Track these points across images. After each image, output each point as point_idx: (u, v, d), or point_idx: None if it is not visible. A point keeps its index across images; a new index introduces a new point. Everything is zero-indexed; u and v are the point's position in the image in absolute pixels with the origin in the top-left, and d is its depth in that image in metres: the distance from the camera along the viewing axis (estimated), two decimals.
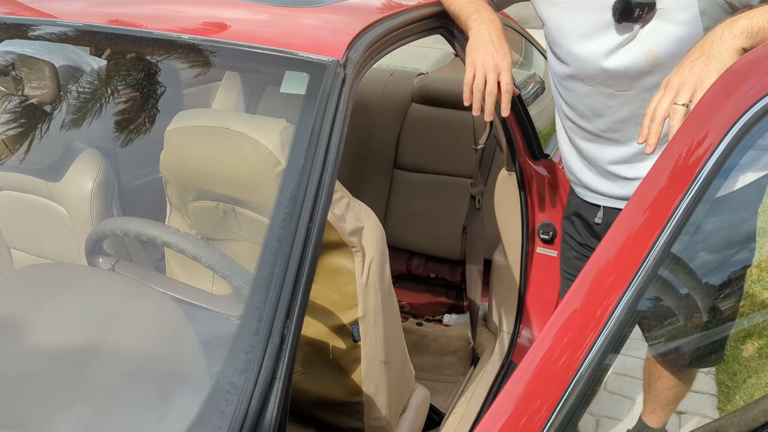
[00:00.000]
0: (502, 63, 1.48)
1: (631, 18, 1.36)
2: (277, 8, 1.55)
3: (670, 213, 0.90)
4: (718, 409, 2.45)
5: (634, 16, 1.36)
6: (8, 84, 1.73)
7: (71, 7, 1.59)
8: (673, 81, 1.15)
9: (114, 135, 1.89)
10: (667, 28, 1.36)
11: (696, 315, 1.25)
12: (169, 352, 1.19)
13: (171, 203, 1.54)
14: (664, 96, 1.15)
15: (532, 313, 2.20)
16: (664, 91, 1.16)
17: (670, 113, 1.13)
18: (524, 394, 0.86)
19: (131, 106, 1.82)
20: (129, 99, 1.80)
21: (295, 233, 1.08)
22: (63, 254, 1.74)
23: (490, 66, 1.48)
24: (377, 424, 1.55)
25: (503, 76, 1.48)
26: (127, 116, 1.86)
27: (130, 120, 1.83)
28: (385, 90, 2.83)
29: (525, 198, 2.07)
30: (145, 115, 1.76)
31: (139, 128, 1.77)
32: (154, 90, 1.69)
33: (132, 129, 1.81)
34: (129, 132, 1.87)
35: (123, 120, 1.88)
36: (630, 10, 1.35)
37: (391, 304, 1.49)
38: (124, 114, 1.87)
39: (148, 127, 1.74)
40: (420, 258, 2.84)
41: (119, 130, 1.89)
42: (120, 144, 1.92)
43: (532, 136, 2.05)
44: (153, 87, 1.68)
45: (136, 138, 1.82)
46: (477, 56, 1.50)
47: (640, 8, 1.34)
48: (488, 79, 1.48)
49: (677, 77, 1.14)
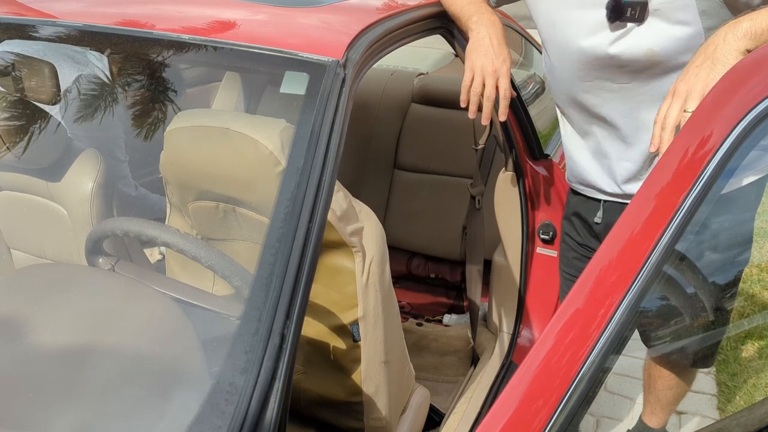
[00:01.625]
0: (502, 68, 1.48)
1: (624, 17, 1.36)
2: (277, 8, 1.55)
3: (673, 212, 0.90)
4: (718, 409, 2.45)
5: (626, 15, 1.36)
6: (8, 84, 1.73)
7: (71, 7, 1.59)
8: (680, 88, 1.14)
9: (117, 127, 1.89)
10: (665, 28, 1.36)
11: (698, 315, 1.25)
12: (169, 352, 1.19)
13: (171, 203, 1.54)
14: (673, 104, 1.14)
15: (532, 313, 2.20)
16: (671, 98, 1.14)
17: (681, 122, 1.13)
18: (526, 394, 0.86)
19: (131, 106, 1.82)
20: (129, 99, 1.80)
21: (295, 233, 1.08)
22: (63, 254, 1.74)
23: (489, 71, 1.48)
24: (377, 424, 1.54)
25: (502, 81, 1.49)
26: (126, 116, 1.86)
27: (129, 120, 1.83)
28: (385, 90, 2.82)
29: (525, 198, 2.07)
30: (145, 115, 1.76)
31: (138, 128, 1.77)
32: (154, 90, 1.69)
33: (132, 129, 1.82)
34: (129, 132, 1.87)
35: (123, 120, 1.88)
36: (620, 9, 1.35)
37: (391, 304, 1.49)
38: (124, 114, 1.87)
39: (148, 127, 1.74)
40: (420, 258, 2.84)
41: (122, 123, 1.89)
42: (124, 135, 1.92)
43: (532, 136, 2.05)
44: (153, 87, 1.68)
45: (136, 138, 1.82)
46: (476, 60, 1.50)
47: (632, 8, 1.34)
48: (486, 84, 1.49)
49: (684, 84, 1.13)
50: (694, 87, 1.12)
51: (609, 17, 1.37)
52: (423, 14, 1.59)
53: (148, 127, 1.74)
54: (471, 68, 1.50)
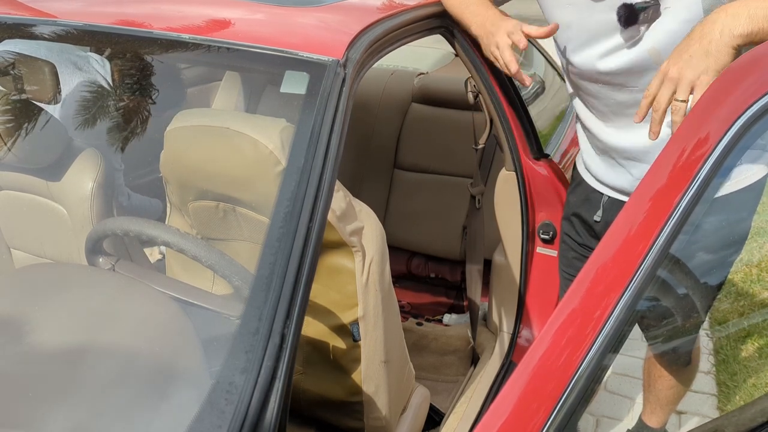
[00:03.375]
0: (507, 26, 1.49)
1: (637, 22, 1.36)
2: (277, 8, 1.55)
3: (669, 212, 0.90)
4: (718, 409, 2.45)
5: (639, 20, 1.36)
6: (8, 84, 1.73)
7: (71, 7, 1.59)
8: (671, 72, 1.14)
9: (114, 135, 1.89)
10: (670, 27, 1.36)
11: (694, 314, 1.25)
12: (169, 351, 1.19)
13: (171, 203, 1.54)
14: (664, 88, 1.14)
15: (532, 313, 2.20)
16: (662, 80, 1.15)
17: (672, 109, 1.13)
18: (524, 393, 0.86)
19: (131, 106, 1.82)
20: (129, 99, 1.80)
21: (295, 233, 1.08)
22: (63, 254, 1.74)
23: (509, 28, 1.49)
24: (377, 423, 1.55)
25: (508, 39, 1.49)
26: (126, 116, 1.86)
27: (130, 120, 1.83)
28: (385, 90, 2.83)
29: (525, 198, 2.07)
30: (145, 114, 1.76)
31: (139, 128, 1.77)
32: (154, 90, 1.69)
33: (132, 129, 1.82)
34: (129, 132, 1.87)
35: (123, 120, 1.88)
36: (635, 15, 1.35)
37: (391, 304, 1.49)
38: (123, 114, 1.87)
39: (148, 126, 1.75)
40: (420, 258, 2.84)
41: (119, 130, 1.89)
42: (120, 144, 1.92)
43: (532, 136, 2.05)
44: (153, 87, 1.68)
45: (136, 138, 1.82)
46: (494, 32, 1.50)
47: (645, 11, 1.34)
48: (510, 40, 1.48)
49: (675, 69, 1.13)
50: (685, 75, 1.12)
51: (623, 24, 1.36)
52: (423, 14, 1.59)
53: (148, 127, 1.74)
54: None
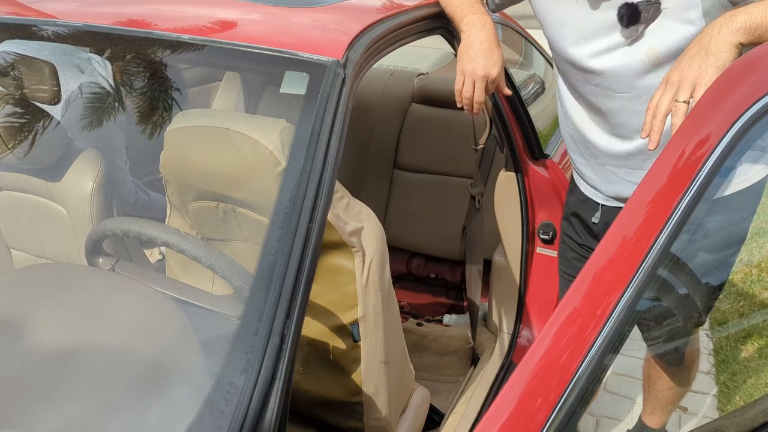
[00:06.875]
0: (492, 71, 1.47)
1: (638, 21, 1.36)
2: (277, 8, 1.55)
3: (669, 212, 0.90)
4: (718, 409, 2.45)
5: (640, 20, 1.36)
6: (8, 84, 1.73)
7: (71, 7, 1.59)
8: (673, 77, 1.15)
9: (116, 134, 1.89)
10: (670, 27, 1.36)
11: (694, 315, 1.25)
12: (169, 352, 1.19)
13: (171, 203, 1.54)
14: (665, 93, 1.15)
15: (532, 313, 2.20)
16: (664, 87, 1.16)
17: (672, 111, 1.14)
18: (524, 393, 0.86)
19: (131, 107, 1.82)
20: (129, 99, 1.80)
21: (295, 233, 1.08)
22: (63, 254, 1.74)
23: (479, 75, 1.47)
24: (377, 424, 1.55)
25: (492, 86, 1.49)
26: (127, 118, 1.86)
27: (130, 121, 1.83)
28: (385, 90, 2.82)
29: (525, 198, 2.07)
30: (145, 115, 1.76)
31: (139, 128, 1.77)
32: (154, 90, 1.69)
33: (132, 130, 1.82)
34: (129, 132, 1.87)
35: (123, 125, 1.88)
36: (637, 14, 1.35)
37: (391, 304, 1.49)
38: (124, 118, 1.87)
39: (148, 127, 1.74)
40: (420, 258, 2.84)
41: (121, 130, 1.89)
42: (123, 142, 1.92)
43: (532, 136, 2.05)
44: (153, 87, 1.68)
45: (137, 138, 1.82)
46: (466, 64, 1.49)
47: (646, 10, 1.34)
48: (476, 87, 1.48)
49: (677, 74, 1.15)
50: (686, 77, 1.13)
51: (625, 24, 1.36)
52: (423, 14, 1.59)
53: (149, 127, 1.74)
54: (461, 72, 1.49)
